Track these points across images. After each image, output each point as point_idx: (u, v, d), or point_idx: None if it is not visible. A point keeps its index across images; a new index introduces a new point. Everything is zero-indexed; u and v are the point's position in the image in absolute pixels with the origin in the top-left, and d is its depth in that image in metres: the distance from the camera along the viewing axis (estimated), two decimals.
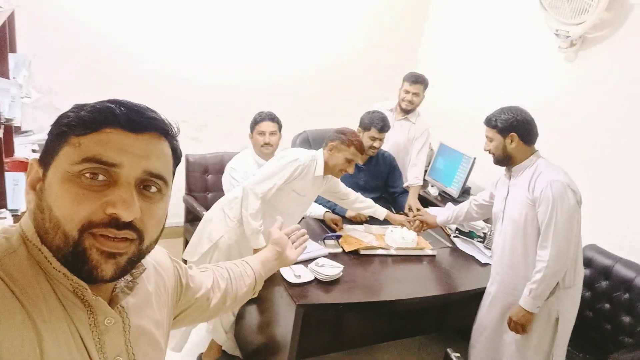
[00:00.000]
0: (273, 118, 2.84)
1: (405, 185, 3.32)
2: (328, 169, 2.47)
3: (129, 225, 0.68)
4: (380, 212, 2.81)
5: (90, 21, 3.15)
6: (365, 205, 2.79)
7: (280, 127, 2.89)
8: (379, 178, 3.19)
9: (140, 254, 0.73)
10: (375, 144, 2.94)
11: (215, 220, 2.50)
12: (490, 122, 2.17)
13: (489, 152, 2.21)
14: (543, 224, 2.03)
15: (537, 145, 2.18)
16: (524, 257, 2.14)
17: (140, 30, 3.31)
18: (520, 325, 2.11)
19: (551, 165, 2.11)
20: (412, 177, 3.36)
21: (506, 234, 2.20)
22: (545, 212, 2.01)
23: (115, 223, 0.67)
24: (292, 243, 1.34)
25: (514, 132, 2.10)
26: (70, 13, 3.09)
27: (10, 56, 2.32)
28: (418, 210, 3.04)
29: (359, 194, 2.78)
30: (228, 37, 3.58)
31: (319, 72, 4.01)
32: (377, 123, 2.90)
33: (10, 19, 2.44)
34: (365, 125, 2.93)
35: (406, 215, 2.98)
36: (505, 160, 2.18)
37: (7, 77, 2.19)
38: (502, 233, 2.23)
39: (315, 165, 2.44)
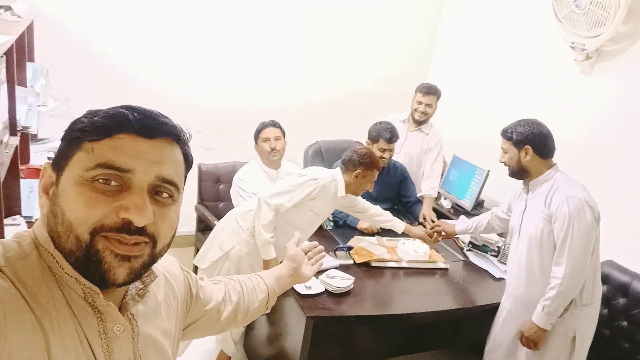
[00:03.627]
0: (275, 124, 2.84)
1: (419, 195, 3.30)
2: (350, 190, 2.46)
3: (141, 231, 0.68)
4: (399, 225, 2.77)
5: (107, 32, 3.20)
6: (384, 218, 2.75)
7: (283, 133, 2.88)
8: (391, 189, 3.16)
9: (154, 258, 0.73)
10: (385, 155, 2.91)
11: (228, 230, 2.50)
12: (505, 134, 2.16)
13: (505, 164, 2.19)
14: (558, 240, 1.99)
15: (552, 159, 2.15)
16: (541, 273, 2.09)
17: (157, 42, 3.35)
18: (532, 341, 2.07)
19: (570, 180, 2.07)
20: (426, 188, 3.33)
21: (522, 249, 2.16)
22: (561, 229, 1.97)
23: (127, 228, 0.67)
24: (309, 260, 1.32)
25: (529, 145, 2.08)
26: (88, 23, 3.14)
27: (29, 65, 2.36)
28: (433, 221, 3.00)
29: (377, 207, 2.75)
30: (243, 49, 3.61)
31: (332, 83, 4.02)
32: (385, 134, 2.87)
33: (30, 28, 2.49)
34: (373, 138, 2.91)
35: (422, 225, 2.94)
36: (520, 173, 2.15)
37: (25, 86, 2.22)
38: (518, 248, 2.19)
39: (336, 186, 2.42)
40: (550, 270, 2.03)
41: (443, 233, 2.73)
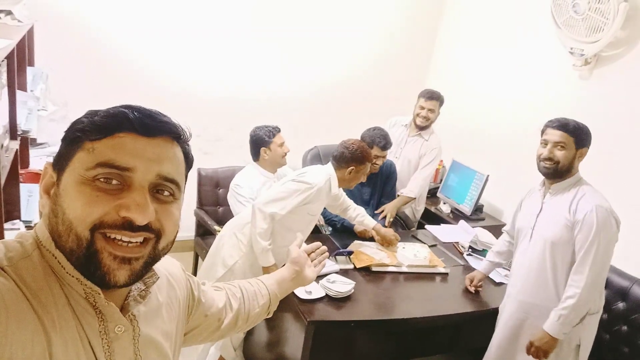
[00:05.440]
0: (280, 129, 2.85)
1: (397, 194, 3.27)
2: (344, 185, 2.48)
3: (145, 228, 0.68)
4: (368, 222, 2.74)
5: (106, 36, 3.21)
6: (357, 213, 2.74)
7: None
8: (383, 190, 3.16)
9: (156, 256, 0.73)
10: (378, 162, 2.90)
11: (228, 246, 2.48)
12: (567, 127, 1.96)
13: (551, 161, 1.98)
14: (582, 249, 1.91)
15: None
16: (553, 279, 2.03)
17: (156, 46, 3.36)
18: (542, 351, 1.99)
19: (593, 188, 2.01)
20: (406, 189, 3.29)
21: (533, 253, 2.08)
22: (586, 238, 1.90)
23: (129, 226, 0.67)
24: (312, 261, 1.30)
25: (587, 147, 2.00)
26: (88, 28, 3.15)
27: (29, 69, 2.36)
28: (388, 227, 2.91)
29: (352, 202, 2.73)
30: (241, 53, 3.62)
31: (331, 87, 4.03)
32: (379, 141, 2.87)
33: (30, 33, 2.49)
34: (367, 144, 2.89)
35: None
36: (563, 172, 2.00)
37: (25, 90, 2.23)
38: (527, 251, 2.11)
39: (330, 185, 2.43)
40: (563, 277, 1.99)
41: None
